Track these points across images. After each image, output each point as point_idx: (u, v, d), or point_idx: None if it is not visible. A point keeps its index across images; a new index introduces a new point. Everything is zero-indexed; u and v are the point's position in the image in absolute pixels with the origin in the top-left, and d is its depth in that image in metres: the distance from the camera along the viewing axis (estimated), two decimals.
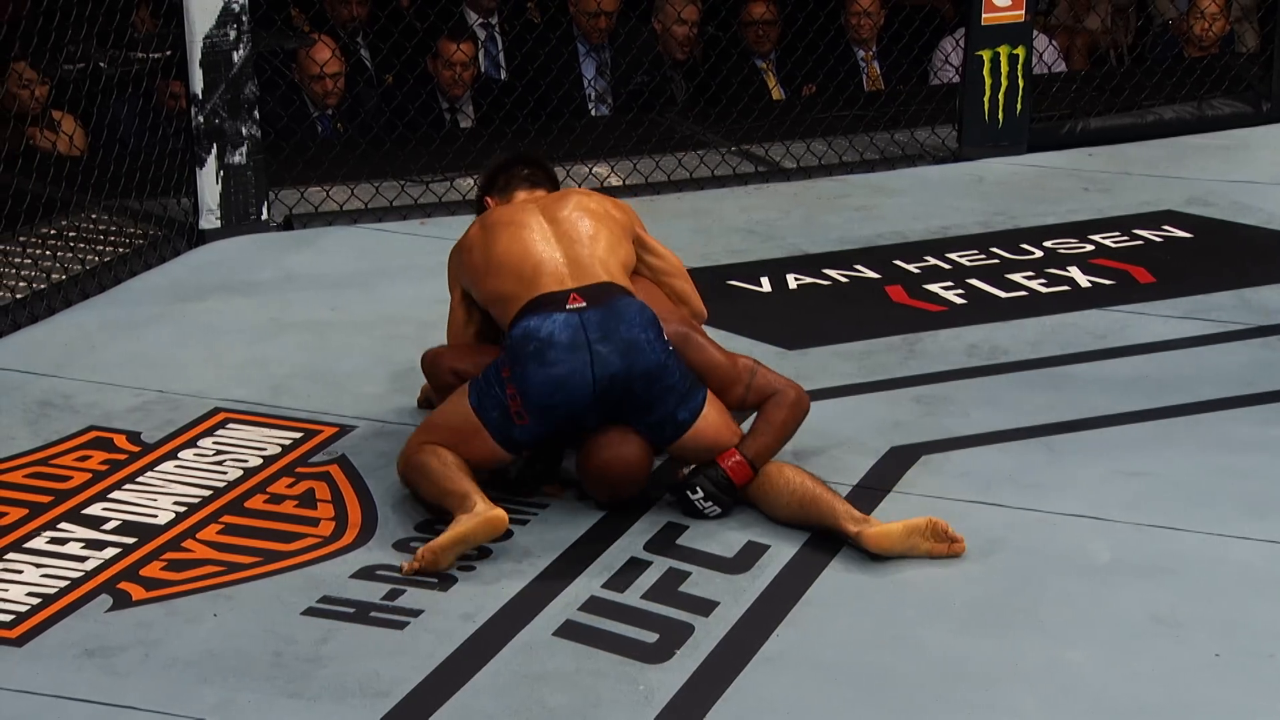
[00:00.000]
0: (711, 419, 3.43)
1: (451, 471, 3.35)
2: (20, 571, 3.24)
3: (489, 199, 3.74)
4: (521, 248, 3.47)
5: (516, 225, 3.52)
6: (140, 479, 3.61)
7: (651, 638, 3.06)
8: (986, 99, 5.90)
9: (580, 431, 3.43)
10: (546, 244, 3.48)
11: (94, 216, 5.04)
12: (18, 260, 4.72)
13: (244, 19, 4.96)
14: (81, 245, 4.88)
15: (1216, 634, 3.08)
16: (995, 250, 5.05)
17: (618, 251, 3.53)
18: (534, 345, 3.34)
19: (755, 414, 3.52)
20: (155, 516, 3.45)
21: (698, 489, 3.41)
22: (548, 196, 3.66)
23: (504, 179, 3.74)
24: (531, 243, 3.48)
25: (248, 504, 3.51)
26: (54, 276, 4.65)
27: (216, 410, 3.93)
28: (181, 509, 3.48)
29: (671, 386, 3.38)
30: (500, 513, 3.24)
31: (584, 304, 3.38)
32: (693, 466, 3.45)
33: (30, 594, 3.17)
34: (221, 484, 3.59)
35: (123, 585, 3.21)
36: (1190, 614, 3.14)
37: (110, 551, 3.32)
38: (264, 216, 5.17)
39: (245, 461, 3.69)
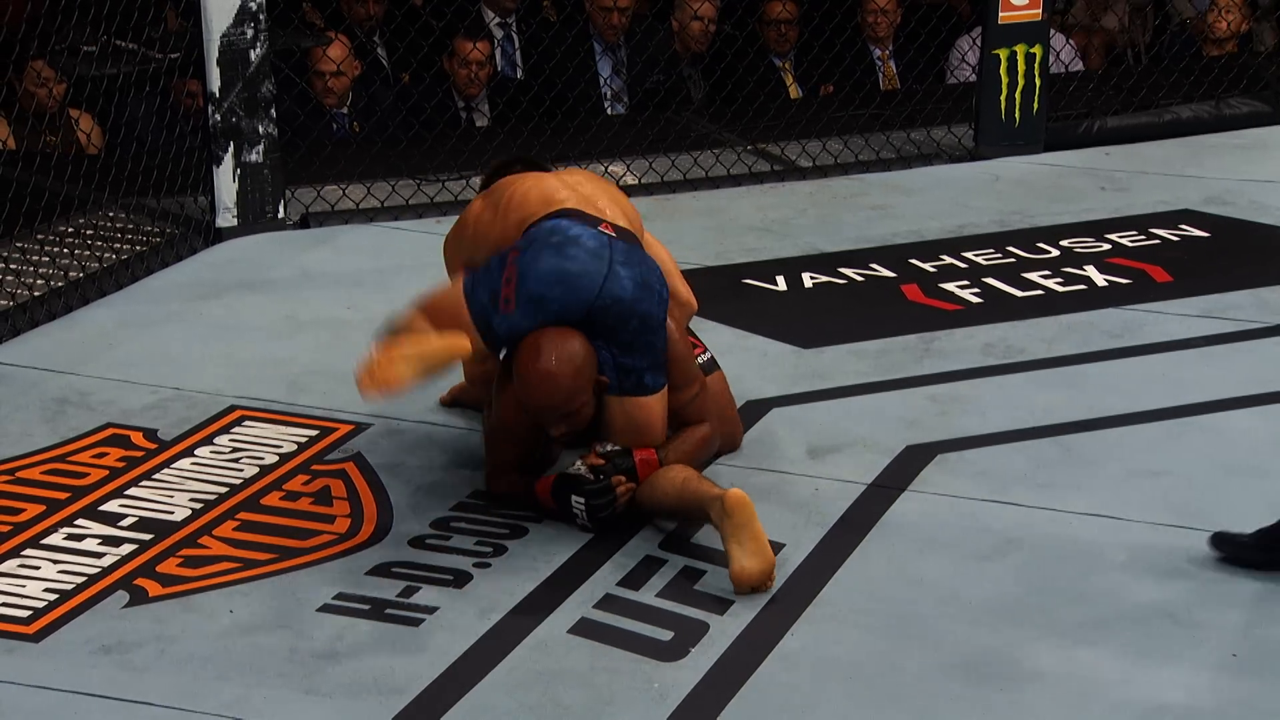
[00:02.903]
0: (661, 405, 3.37)
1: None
2: (37, 568, 3.26)
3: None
4: (546, 186, 3.43)
5: (533, 178, 3.49)
6: (157, 476, 3.62)
7: (666, 636, 3.06)
8: (1003, 98, 5.89)
9: None
10: (569, 186, 3.44)
11: (111, 215, 5.05)
12: (36, 258, 4.73)
13: (261, 18, 4.97)
14: (99, 243, 4.89)
15: (1233, 634, 3.07)
16: (1011, 249, 5.04)
17: (635, 220, 3.50)
18: (558, 238, 3.25)
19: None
20: (172, 513, 3.46)
21: (583, 501, 3.30)
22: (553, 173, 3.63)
23: (500, 180, 3.68)
24: (554, 183, 3.45)
25: (264, 501, 3.52)
26: (72, 274, 4.66)
27: (233, 408, 3.94)
28: (198, 506, 3.49)
29: (654, 347, 3.32)
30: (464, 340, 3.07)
31: (614, 235, 3.33)
32: (609, 448, 3.37)
33: (47, 590, 3.18)
34: (238, 481, 3.59)
35: (139, 581, 3.22)
36: (1207, 614, 3.13)
37: (127, 548, 3.33)
38: (280, 215, 5.18)
39: (261, 459, 3.70)
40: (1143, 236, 5.13)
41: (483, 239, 3.48)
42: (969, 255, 4.99)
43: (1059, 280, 4.79)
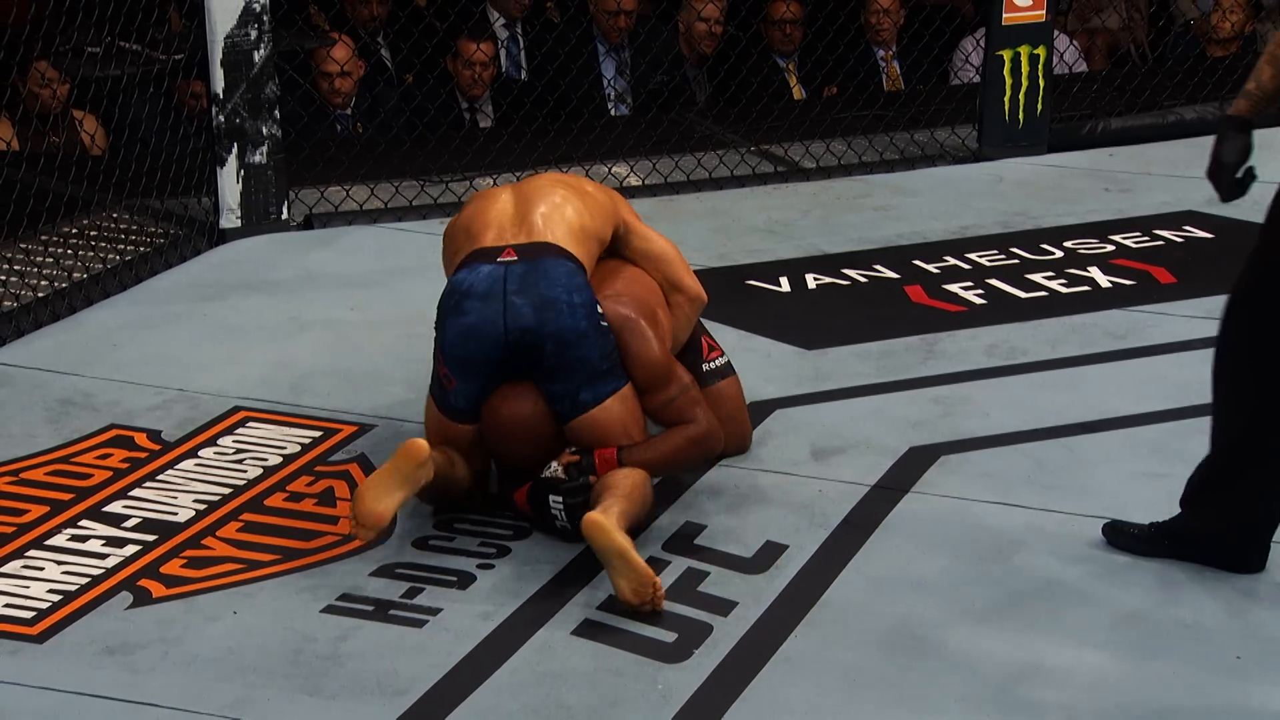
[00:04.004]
0: (614, 412, 3.34)
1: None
2: (41, 569, 3.26)
3: None
4: (482, 210, 3.49)
5: (488, 196, 3.56)
6: (161, 477, 3.62)
7: (670, 637, 3.06)
8: (1007, 99, 5.89)
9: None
10: (504, 207, 3.48)
11: (115, 215, 5.06)
12: (40, 259, 4.74)
13: (265, 19, 4.98)
14: (103, 244, 4.89)
15: (1237, 637, 3.08)
16: (1015, 250, 5.04)
17: (581, 220, 3.47)
18: (454, 299, 3.35)
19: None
20: (175, 514, 3.46)
21: (561, 500, 3.29)
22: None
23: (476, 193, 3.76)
24: (491, 206, 3.49)
25: (267, 502, 3.52)
26: (75, 275, 4.67)
27: (237, 409, 3.94)
28: (201, 507, 3.49)
29: (584, 359, 3.30)
30: (414, 440, 3.21)
31: (515, 259, 3.36)
32: (575, 452, 3.34)
33: (51, 591, 3.18)
34: (241, 482, 3.60)
35: (143, 583, 3.22)
36: (1211, 616, 3.13)
37: (131, 549, 3.33)
38: (284, 216, 5.18)
39: (265, 460, 3.70)
40: (1146, 238, 5.13)
41: (445, 246, 3.58)
42: (972, 256, 4.99)
43: (1062, 281, 4.79)
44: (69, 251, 4.81)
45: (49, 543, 3.35)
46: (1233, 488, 3.21)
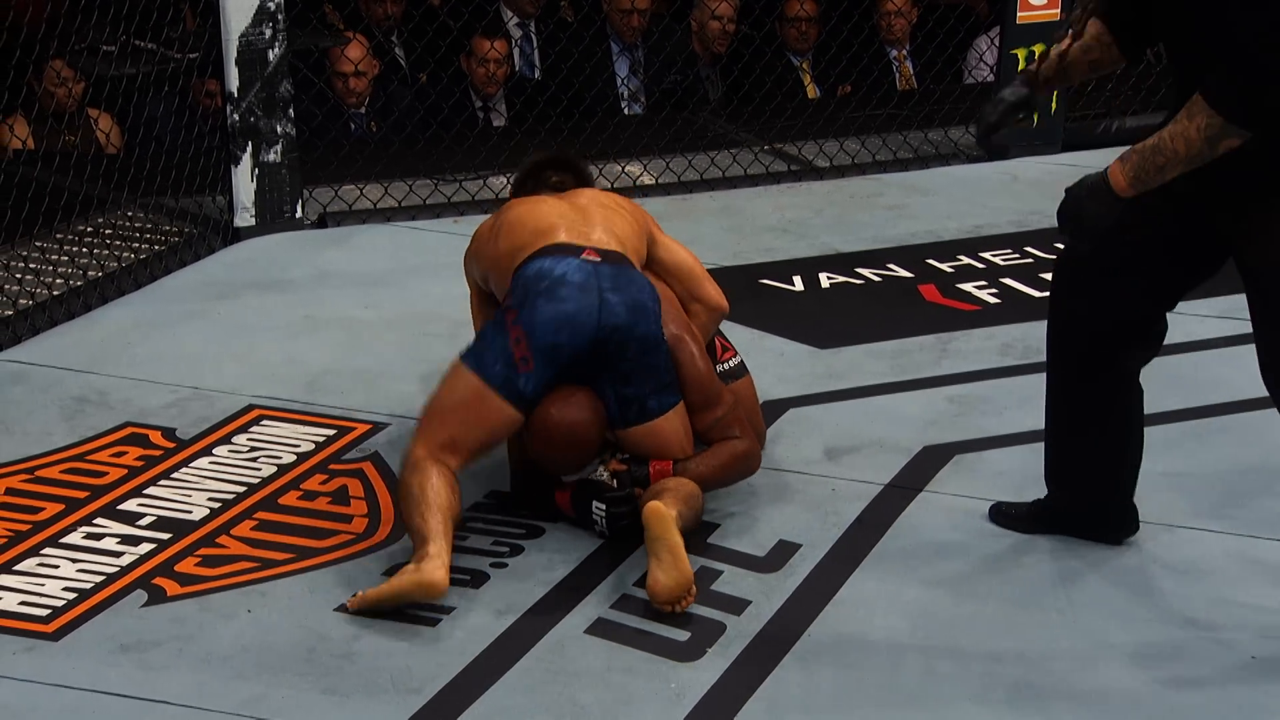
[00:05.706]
0: (674, 424, 3.35)
1: (427, 505, 3.17)
2: (56, 567, 3.27)
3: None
4: (538, 212, 3.47)
5: (532, 201, 3.54)
6: (175, 475, 3.63)
7: (683, 636, 3.06)
8: None
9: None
10: (562, 212, 3.46)
11: (130, 214, 5.07)
12: (55, 258, 4.75)
13: (279, 17, 4.98)
14: (117, 243, 4.90)
15: (1252, 637, 3.07)
16: (1029, 249, 5.03)
17: (631, 238, 3.49)
18: (546, 283, 3.29)
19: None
20: (190, 512, 3.47)
21: (604, 508, 3.30)
22: (566, 192, 3.65)
23: (532, 183, 3.72)
24: (548, 211, 3.47)
25: (281, 500, 3.53)
26: (90, 274, 4.68)
27: (251, 407, 3.95)
28: (216, 505, 3.50)
29: (656, 368, 3.32)
30: (436, 578, 3.05)
31: (599, 259, 3.34)
32: (625, 456, 3.35)
33: (66, 589, 3.19)
34: (255, 480, 3.60)
35: (158, 581, 3.23)
36: (1225, 617, 3.13)
37: (145, 547, 3.34)
38: (298, 214, 5.19)
39: (279, 458, 3.70)
40: None
41: (482, 257, 3.55)
42: (986, 255, 4.98)
43: None
44: (84, 250, 4.82)
45: (64, 541, 3.36)
46: (1076, 467, 3.29)
